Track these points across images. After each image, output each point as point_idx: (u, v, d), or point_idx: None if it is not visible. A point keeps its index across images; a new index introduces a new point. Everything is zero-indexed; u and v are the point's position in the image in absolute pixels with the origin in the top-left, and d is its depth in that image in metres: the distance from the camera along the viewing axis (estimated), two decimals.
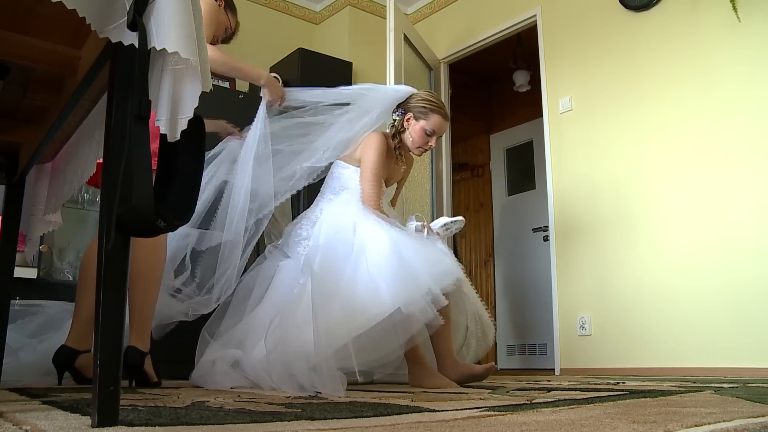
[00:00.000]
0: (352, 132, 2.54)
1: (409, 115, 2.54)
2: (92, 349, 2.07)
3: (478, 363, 2.70)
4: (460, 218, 2.57)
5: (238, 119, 4.18)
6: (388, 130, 2.65)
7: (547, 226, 4.02)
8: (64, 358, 2.05)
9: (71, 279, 3.48)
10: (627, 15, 3.64)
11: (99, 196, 1.57)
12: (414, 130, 2.52)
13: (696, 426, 0.89)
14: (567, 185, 3.81)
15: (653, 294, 3.30)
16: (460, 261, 2.56)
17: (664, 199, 3.33)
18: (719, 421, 0.93)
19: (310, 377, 1.77)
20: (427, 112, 2.51)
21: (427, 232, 2.41)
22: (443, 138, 4.43)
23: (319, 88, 2.63)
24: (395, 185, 2.73)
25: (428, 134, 2.51)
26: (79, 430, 0.85)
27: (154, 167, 1.02)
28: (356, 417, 1.04)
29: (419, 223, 2.44)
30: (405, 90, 2.62)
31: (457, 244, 4.93)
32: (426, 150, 2.57)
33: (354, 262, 2.10)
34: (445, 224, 2.53)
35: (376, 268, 2.06)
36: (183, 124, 0.98)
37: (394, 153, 2.56)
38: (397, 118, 2.56)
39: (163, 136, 0.98)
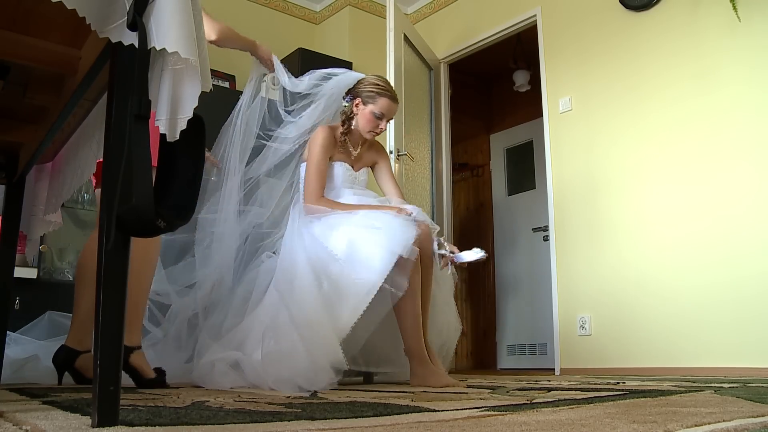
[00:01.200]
0: (303, 127, 2.65)
1: (358, 100, 2.56)
2: (92, 349, 2.07)
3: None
4: (483, 254, 2.47)
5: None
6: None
7: (547, 226, 4.02)
8: (64, 359, 2.05)
9: (71, 279, 3.48)
10: (627, 15, 3.64)
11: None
12: (363, 114, 2.54)
13: (696, 426, 0.89)
14: (567, 185, 3.81)
15: (653, 294, 3.30)
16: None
17: (665, 198, 3.33)
18: (719, 421, 0.93)
19: (306, 377, 1.78)
20: (374, 96, 2.53)
21: (445, 262, 2.41)
22: (443, 138, 4.44)
23: (293, 78, 2.77)
24: (366, 170, 2.72)
25: (377, 117, 2.54)
26: (79, 430, 0.84)
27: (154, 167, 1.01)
28: (356, 417, 1.04)
29: (442, 251, 2.41)
30: (353, 76, 2.65)
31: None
32: (377, 133, 2.59)
33: (319, 264, 2.18)
34: (469, 261, 2.47)
35: (344, 254, 2.18)
36: (182, 124, 0.98)
37: (343, 138, 2.58)
38: (347, 104, 2.60)
39: (163, 136, 0.98)
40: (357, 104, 2.57)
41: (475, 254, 2.41)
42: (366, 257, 2.15)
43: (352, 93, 2.60)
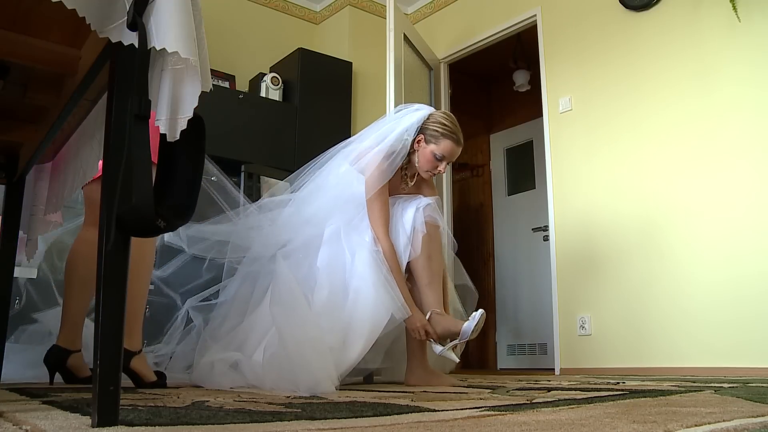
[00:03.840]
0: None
1: (421, 137, 2.40)
2: (82, 349, 2.07)
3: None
4: (481, 312, 2.28)
5: (238, 119, 4.20)
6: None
7: (547, 226, 4.02)
8: (56, 358, 2.04)
9: None
10: (627, 15, 3.64)
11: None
12: (423, 153, 2.40)
13: (696, 426, 0.89)
14: (567, 185, 3.81)
15: (653, 293, 3.30)
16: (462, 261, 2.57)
17: (665, 198, 3.33)
18: (719, 421, 0.93)
19: (306, 385, 1.78)
20: (438, 137, 2.38)
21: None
22: None
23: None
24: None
25: (438, 159, 2.39)
26: (79, 430, 0.84)
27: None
28: (356, 417, 1.04)
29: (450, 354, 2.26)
30: (423, 114, 2.45)
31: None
32: (435, 174, 2.46)
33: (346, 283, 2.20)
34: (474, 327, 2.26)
35: (362, 281, 2.16)
36: (183, 124, 0.98)
37: (400, 173, 2.46)
38: (408, 138, 2.43)
39: (163, 136, 0.98)
40: (419, 141, 2.41)
41: (476, 319, 2.21)
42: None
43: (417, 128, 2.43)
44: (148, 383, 2.02)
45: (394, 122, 2.47)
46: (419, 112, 2.46)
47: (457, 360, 2.28)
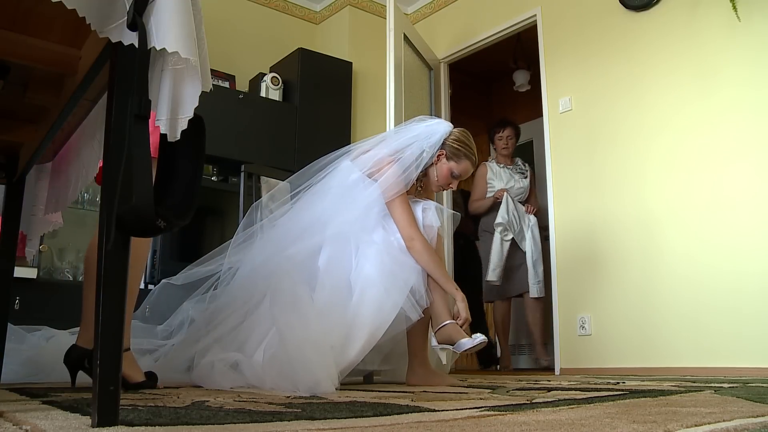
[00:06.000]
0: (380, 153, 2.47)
1: (442, 151, 2.44)
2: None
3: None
4: (484, 339, 2.25)
5: (238, 119, 4.20)
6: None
7: (547, 226, 4.02)
8: (76, 358, 2.02)
9: (71, 279, 3.48)
10: (627, 15, 3.64)
11: (99, 196, 1.56)
12: (442, 168, 2.44)
13: (696, 426, 0.89)
14: (567, 185, 3.81)
15: (653, 294, 3.30)
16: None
17: (664, 199, 3.33)
18: (719, 421, 0.93)
19: (306, 385, 1.77)
20: (460, 156, 2.43)
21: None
22: None
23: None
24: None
25: (454, 176, 2.45)
26: (79, 430, 0.84)
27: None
28: (356, 417, 1.04)
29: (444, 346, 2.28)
30: (445, 129, 2.48)
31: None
32: (445, 189, 2.52)
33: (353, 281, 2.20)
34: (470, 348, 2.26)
35: (368, 280, 2.15)
36: (183, 124, 0.98)
37: (416, 184, 2.49)
38: (430, 151, 2.45)
39: (164, 136, 0.98)
40: (440, 155, 2.44)
41: (476, 340, 2.19)
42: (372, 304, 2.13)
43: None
44: (132, 384, 1.92)
45: (412, 135, 2.46)
46: (441, 126, 2.49)
47: (444, 362, 2.31)
